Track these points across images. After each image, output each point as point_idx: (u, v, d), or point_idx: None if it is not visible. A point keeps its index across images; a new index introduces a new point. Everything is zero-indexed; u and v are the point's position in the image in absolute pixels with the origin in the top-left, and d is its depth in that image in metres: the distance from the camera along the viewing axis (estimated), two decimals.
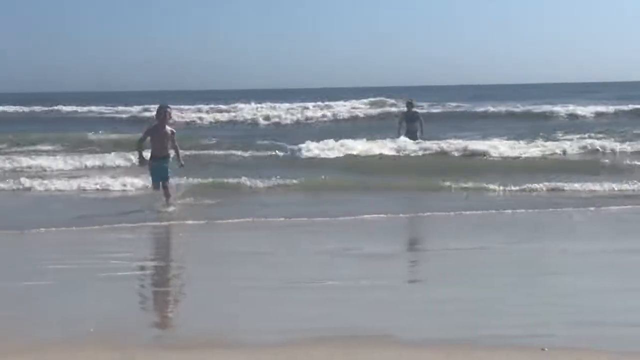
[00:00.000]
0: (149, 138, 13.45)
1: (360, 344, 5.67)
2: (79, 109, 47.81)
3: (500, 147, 22.61)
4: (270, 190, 15.33)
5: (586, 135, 25.89)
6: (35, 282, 7.82)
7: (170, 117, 13.52)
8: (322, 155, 21.72)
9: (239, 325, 6.26)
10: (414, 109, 23.53)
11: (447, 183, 15.44)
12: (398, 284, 7.90)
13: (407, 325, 6.23)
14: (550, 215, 12.38)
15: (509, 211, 12.48)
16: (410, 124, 22.96)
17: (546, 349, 5.47)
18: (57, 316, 6.64)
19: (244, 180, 15.76)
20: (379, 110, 41.51)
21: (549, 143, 23.88)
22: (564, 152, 22.65)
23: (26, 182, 15.96)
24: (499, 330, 6.06)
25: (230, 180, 15.83)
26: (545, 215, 12.36)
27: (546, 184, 15.36)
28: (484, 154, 21.95)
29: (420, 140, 22.77)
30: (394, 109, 39.21)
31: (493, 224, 11.73)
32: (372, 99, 48.12)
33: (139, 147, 13.55)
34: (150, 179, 13.73)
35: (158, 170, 13.33)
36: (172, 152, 13.53)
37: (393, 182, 16.25)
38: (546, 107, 39.03)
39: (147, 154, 13.49)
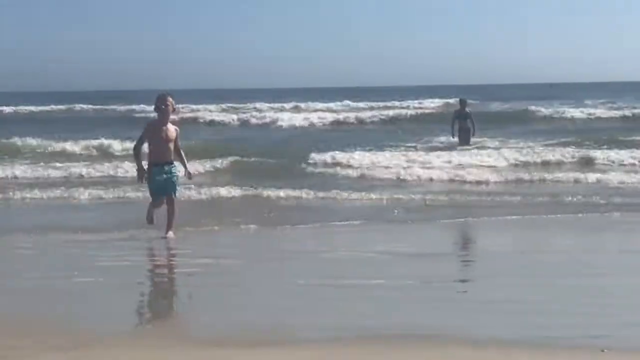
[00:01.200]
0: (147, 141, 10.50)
1: (417, 342, 5.66)
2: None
3: None
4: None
5: None
6: (92, 278, 7.94)
7: (174, 110, 10.47)
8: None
9: (294, 323, 6.28)
10: (467, 109, 23.56)
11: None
12: (452, 284, 7.90)
13: (464, 324, 6.20)
14: (604, 217, 12.24)
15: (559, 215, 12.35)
16: (462, 122, 22.97)
17: (605, 351, 5.42)
18: (117, 311, 6.74)
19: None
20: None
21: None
22: None
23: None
24: (557, 331, 6.00)
25: None
26: (600, 217, 12.23)
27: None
28: None
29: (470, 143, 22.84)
30: None
31: (546, 226, 11.65)
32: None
33: (136, 153, 10.57)
34: (149, 193, 10.58)
35: (160, 180, 10.30)
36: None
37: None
38: None
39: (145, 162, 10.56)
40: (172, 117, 10.48)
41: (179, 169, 10.59)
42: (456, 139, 22.97)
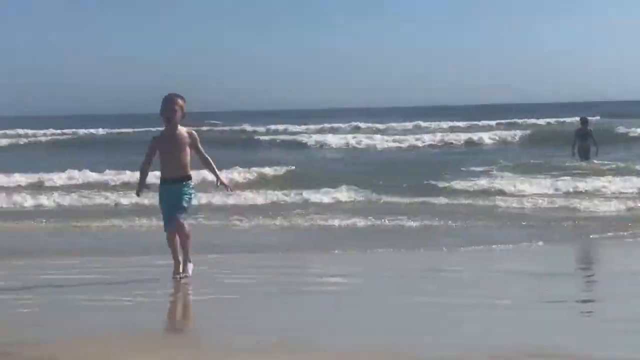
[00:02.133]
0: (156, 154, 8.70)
1: None
2: None
3: None
4: None
5: None
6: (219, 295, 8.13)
7: (184, 114, 8.54)
8: None
9: (417, 342, 6.25)
10: (588, 127, 23.01)
11: None
12: (574, 304, 7.79)
13: (591, 344, 6.09)
14: None
15: None
16: (583, 141, 22.47)
17: None
18: (244, 326, 6.86)
19: None
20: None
21: None
22: None
23: None
24: None
25: None
26: None
27: None
28: None
29: (592, 160, 22.28)
30: None
31: None
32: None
33: (142, 168, 8.76)
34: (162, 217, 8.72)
35: (172, 200, 8.52)
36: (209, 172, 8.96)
37: None
38: None
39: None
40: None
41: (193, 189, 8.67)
42: (576, 157, 22.52)
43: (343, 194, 17.31)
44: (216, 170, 8.75)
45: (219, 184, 8.81)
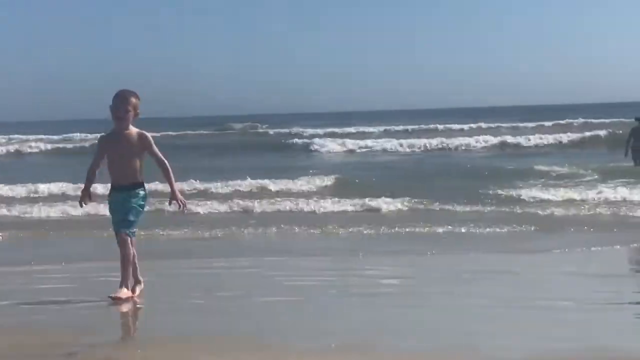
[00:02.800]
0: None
1: None
2: None
3: None
4: None
5: None
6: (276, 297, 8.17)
7: (137, 114, 7.57)
8: None
9: (482, 345, 6.21)
10: None
11: None
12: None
13: None
14: None
15: None
16: (637, 142, 21.65)
17: None
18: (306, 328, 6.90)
19: None
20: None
21: None
22: None
23: None
24: None
25: None
26: None
27: None
28: None
29: None
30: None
31: None
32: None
33: (88, 174, 7.74)
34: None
35: (118, 211, 7.57)
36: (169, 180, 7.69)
37: None
38: None
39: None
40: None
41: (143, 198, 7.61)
42: (629, 159, 21.65)
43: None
44: (172, 181, 7.59)
45: (171, 201, 7.64)
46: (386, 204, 16.31)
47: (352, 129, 48.73)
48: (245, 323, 7.04)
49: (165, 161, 7.55)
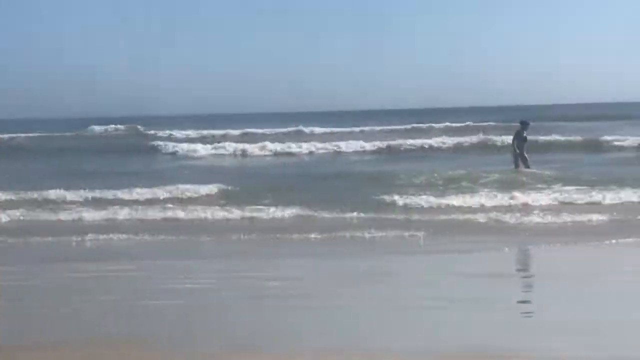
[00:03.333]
0: None
1: None
2: None
3: None
4: None
5: None
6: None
7: None
8: None
9: (362, 345, 6.33)
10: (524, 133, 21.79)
11: None
12: (514, 305, 7.95)
13: (529, 346, 6.22)
14: None
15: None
16: (520, 143, 21.62)
17: None
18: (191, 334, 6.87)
19: None
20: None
21: None
22: None
23: None
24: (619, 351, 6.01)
25: None
26: None
27: None
28: None
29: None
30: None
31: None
32: None
33: None
34: None
35: None
36: None
37: None
38: None
39: None
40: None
41: None
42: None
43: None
44: None
45: None
46: (267, 212, 15.65)
47: (237, 132, 47.35)
48: (146, 326, 7.01)
49: None
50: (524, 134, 21.84)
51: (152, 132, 46.96)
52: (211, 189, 18.68)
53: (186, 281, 9.27)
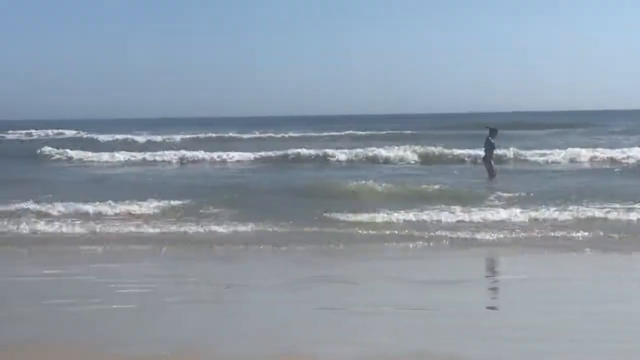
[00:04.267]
0: None
1: None
2: None
3: None
4: None
5: None
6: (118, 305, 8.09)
7: None
8: None
9: (313, 350, 6.37)
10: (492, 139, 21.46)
11: None
12: (467, 311, 7.94)
13: (481, 353, 6.30)
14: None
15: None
16: (488, 150, 21.44)
17: None
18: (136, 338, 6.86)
19: None
20: None
21: None
22: None
23: None
24: (572, 357, 6.09)
25: None
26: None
27: None
28: None
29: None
30: None
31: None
32: None
33: None
34: None
35: None
36: None
37: None
38: None
39: None
40: None
41: None
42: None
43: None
44: None
45: None
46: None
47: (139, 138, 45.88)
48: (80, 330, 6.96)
49: None
50: (492, 141, 21.37)
51: None
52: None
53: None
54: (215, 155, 32.13)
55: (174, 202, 15.99)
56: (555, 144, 32.53)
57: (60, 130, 61.39)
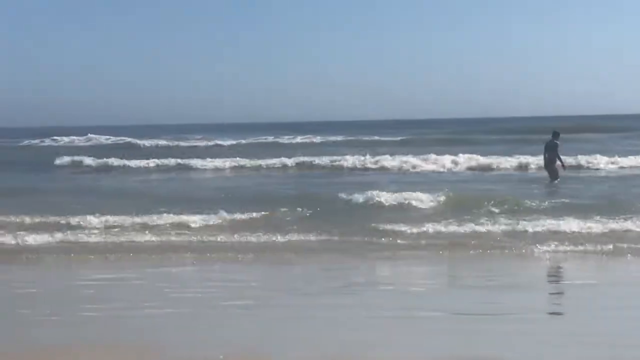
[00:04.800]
0: None
1: None
2: None
3: None
4: None
5: None
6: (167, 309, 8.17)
7: None
8: None
9: (366, 354, 6.38)
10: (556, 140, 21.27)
11: None
12: (530, 316, 7.86)
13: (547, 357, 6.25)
14: None
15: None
16: (551, 154, 21.22)
17: None
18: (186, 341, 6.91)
19: None
20: None
21: None
22: None
23: None
24: None
25: None
26: None
27: None
28: None
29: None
30: None
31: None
32: None
33: None
34: None
35: None
36: None
37: None
38: None
39: None
40: None
41: None
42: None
43: None
44: None
45: None
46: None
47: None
48: (132, 334, 7.07)
49: None
50: (556, 142, 21.25)
51: None
52: None
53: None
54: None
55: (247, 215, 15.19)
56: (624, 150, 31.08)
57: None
